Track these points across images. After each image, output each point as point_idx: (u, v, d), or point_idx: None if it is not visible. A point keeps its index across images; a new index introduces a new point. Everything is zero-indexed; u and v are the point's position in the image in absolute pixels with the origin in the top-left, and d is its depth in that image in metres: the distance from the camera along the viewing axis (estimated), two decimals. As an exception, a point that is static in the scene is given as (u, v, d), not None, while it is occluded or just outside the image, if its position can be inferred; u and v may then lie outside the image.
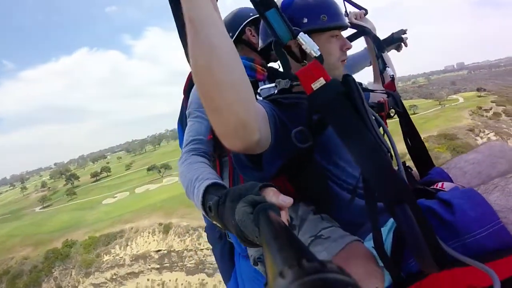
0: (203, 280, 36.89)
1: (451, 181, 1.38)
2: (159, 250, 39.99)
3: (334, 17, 1.28)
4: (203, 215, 1.62)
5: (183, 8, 0.78)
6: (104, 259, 41.27)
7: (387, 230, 1.06)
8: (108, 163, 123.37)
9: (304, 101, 1.12)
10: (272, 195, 0.77)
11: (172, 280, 38.58)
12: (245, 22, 1.88)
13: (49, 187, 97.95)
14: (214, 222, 0.89)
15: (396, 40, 2.05)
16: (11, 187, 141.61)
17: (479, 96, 76.82)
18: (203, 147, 1.42)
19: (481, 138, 46.40)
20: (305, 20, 1.24)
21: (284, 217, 0.75)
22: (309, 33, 1.13)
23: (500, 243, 0.88)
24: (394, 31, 2.09)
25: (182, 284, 37.94)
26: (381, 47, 1.87)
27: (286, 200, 0.76)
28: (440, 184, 1.30)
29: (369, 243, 1.03)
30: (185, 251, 38.39)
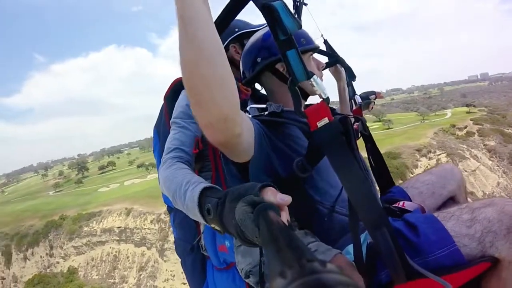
0: (143, 251, 45.49)
1: (410, 200, 1.55)
2: (119, 227, 48.64)
3: (310, 41, 1.42)
4: (173, 225, 1.76)
5: (176, 7, 0.78)
6: (84, 230, 50.25)
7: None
8: (118, 158, 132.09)
9: (293, 126, 1.23)
10: (270, 194, 0.75)
11: (125, 250, 47.57)
12: (230, 38, 1.76)
13: (64, 176, 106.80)
14: (212, 225, 0.85)
15: (364, 98, 2.17)
16: (36, 174, 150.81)
17: (468, 112, 73.66)
18: (186, 157, 1.35)
19: (429, 159, 44.78)
20: None
21: (284, 217, 0.73)
22: None
23: (454, 262, 1.03)
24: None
25: (130, 253, 46.76)
26: (353, 76, 2.06)
27: (284, 199, 0.74)
28: (401, 203, 1.45)
29: (348, 257, 1.13)
30: (135, 229, 46.68)
